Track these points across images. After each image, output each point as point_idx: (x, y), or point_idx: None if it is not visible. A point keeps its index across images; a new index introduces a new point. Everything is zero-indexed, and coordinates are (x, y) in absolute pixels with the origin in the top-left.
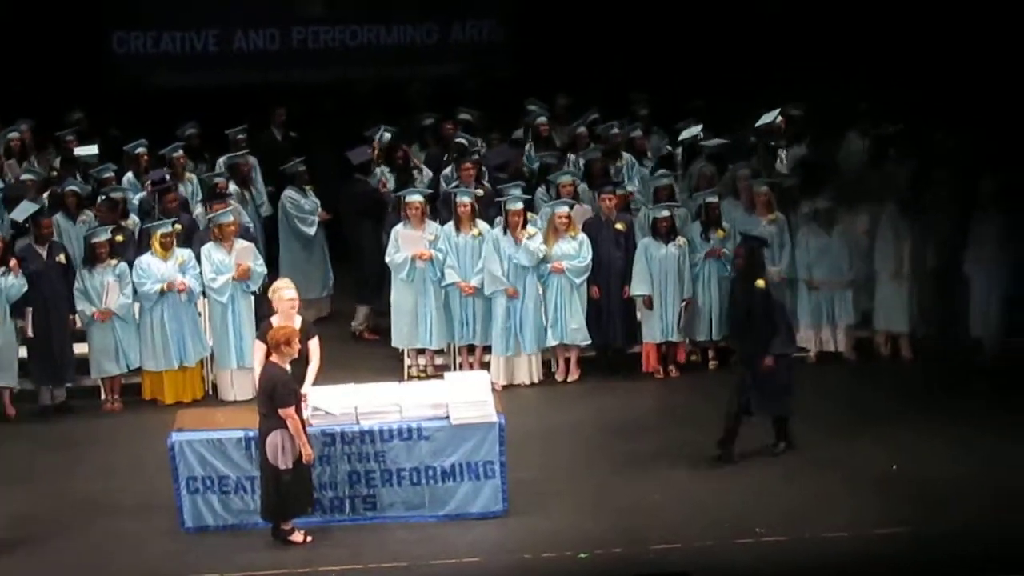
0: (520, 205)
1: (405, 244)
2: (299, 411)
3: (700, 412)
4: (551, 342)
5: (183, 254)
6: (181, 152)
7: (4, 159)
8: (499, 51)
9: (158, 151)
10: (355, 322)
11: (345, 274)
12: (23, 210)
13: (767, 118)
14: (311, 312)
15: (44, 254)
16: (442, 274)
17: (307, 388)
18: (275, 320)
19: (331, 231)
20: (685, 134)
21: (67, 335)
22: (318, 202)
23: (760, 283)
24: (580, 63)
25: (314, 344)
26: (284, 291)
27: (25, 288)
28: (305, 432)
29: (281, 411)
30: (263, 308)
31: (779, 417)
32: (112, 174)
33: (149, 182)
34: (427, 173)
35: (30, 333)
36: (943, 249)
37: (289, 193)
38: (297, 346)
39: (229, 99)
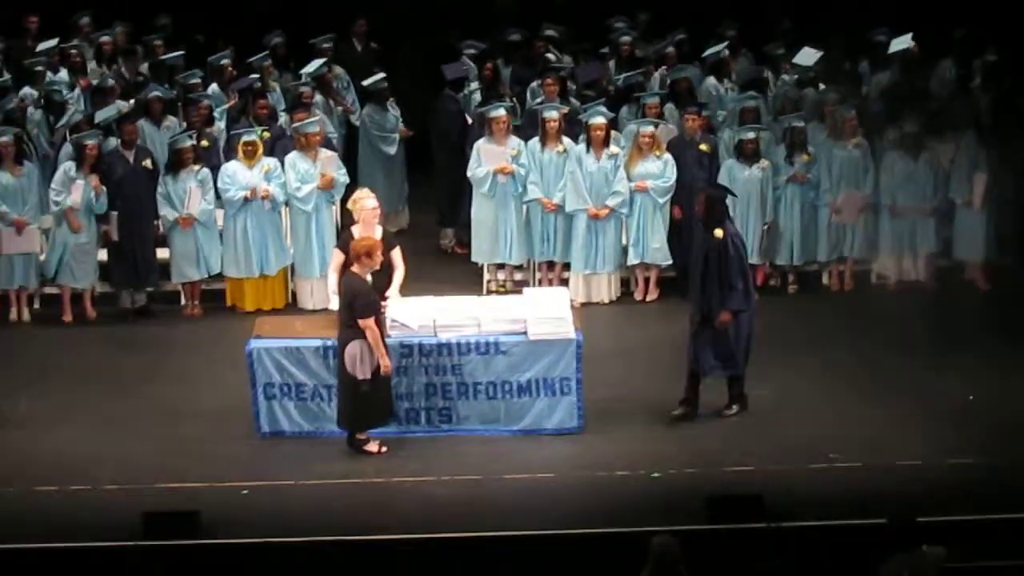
0: (602, 119)
1: (487, 159)
2: (379, 322)
3: (777, 334)
4: (632, 261)
5: (268, 162)
6: (269, 61)
7: (96, 61)
8: None
9: (244, 60)
10: (444, 240)
11: (423, 190)
12: (105, 113)
13: (900, 44)
14: (390, 225)
15: (131, 158)
16: (524, 189)
17: (393, 295)
18: (356, 230)
19: (411, 145)
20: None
21: (150, 239)
22: (399, 116)
23: (718, 233)
24: None
25: (396, 254)
26: (366, 200)
27: (106, 204)
28: (384, 343)
29: (360, 322)
30: (345, 218)
31: (732, 377)
32: (199, 80)
33: (235, 92)
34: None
35: (115, 237)
36: (1022, 178)
37: (369, 110)
38: (379, 258)
39: (312, 6)
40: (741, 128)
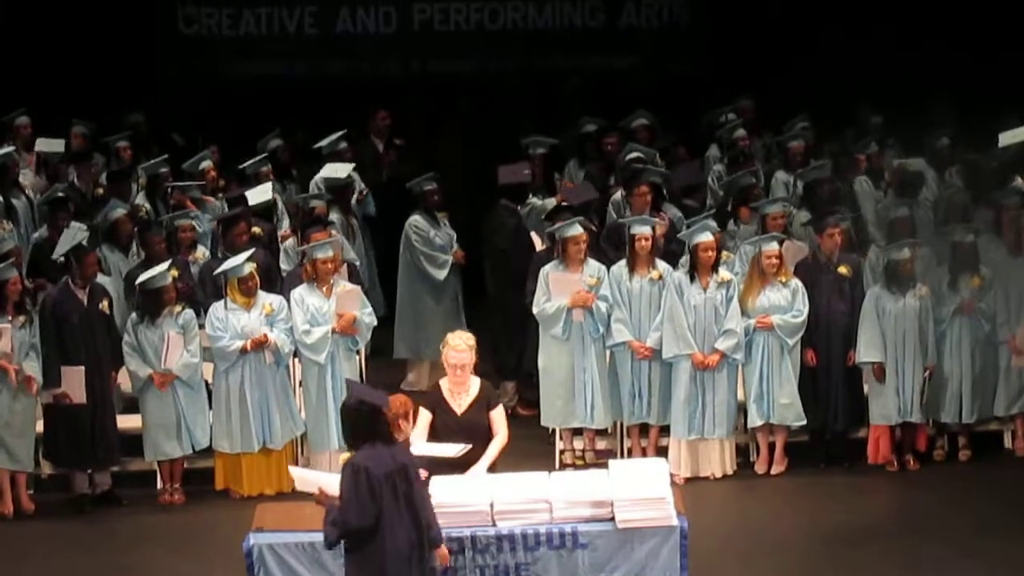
0: (710, 237)
1: (559, 289)
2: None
3: (947, 517)
4: (753, 422)
5: (271, 301)
6: (268, 167)
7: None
8: (683, 40)
9: (233, 165)
10: (503, 397)
11: (476, 329)
12: (65, 243)
13: None
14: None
15: (84, 299)
16: (608, 331)
17: (482, 466)
18: (444, 383)
19: (463, 272)
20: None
21: (111, 403)
22: (454, 235)
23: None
24: (786, 56)
25: (498, 416)
26: (451, 349)
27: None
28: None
29: None
30: (373, 373)
31: None
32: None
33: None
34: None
35: (80, 398)
36: None
37: (417, 220)
38: (410, 425)
39: (325, 97)
40: (891, 245)
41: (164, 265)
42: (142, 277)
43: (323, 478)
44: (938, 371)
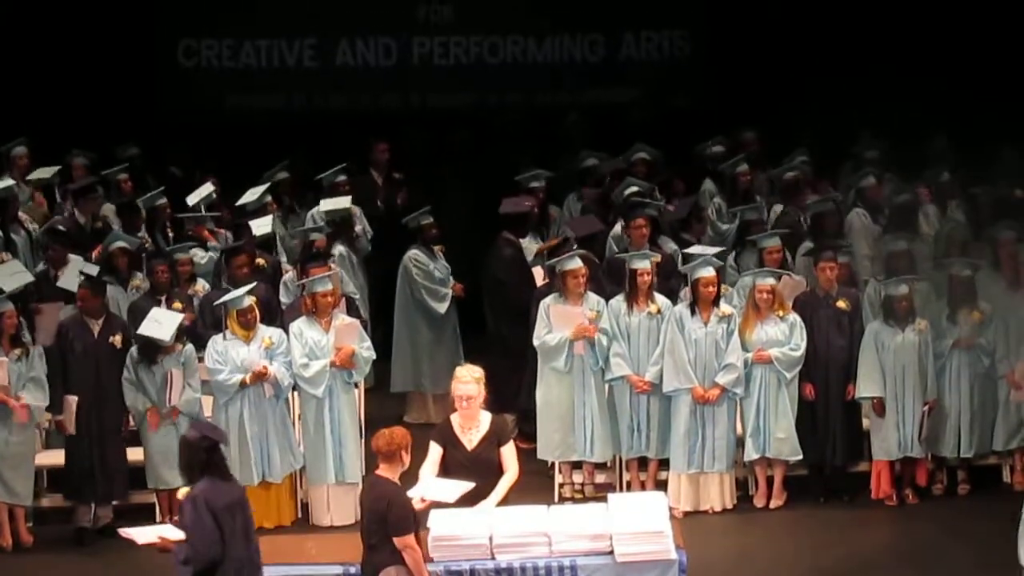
0: (712, 272)
1: (560, 322)
2: (420, 540)
3: (946, 551)
4: (749, 456)
5: (271, 334)
6: (269, 198)
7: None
8: (683, 73)
9: (232, 198)
10: None
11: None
12: (67, 278)
13: None
14: (440, 409)
15: (95, 330)
16: (607, 364)
17: (492, 502)
18: (455, 418)
19: (461, 305)
20: None
21: (117, 436)
22: (449, 268)
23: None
24: (786, 90)
25: (508, 451)
26: (460, 383)
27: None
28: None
29: (397, 540)
30: (373, 406)
31: None
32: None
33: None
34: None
35: (71, 430)
36: None
37: (416, 254)
38: (408, 458)
39: (325, 130)
40: (890, 280)
41: (171, 326)
42: (143, 331)
43: (157, 528)
44: (937, 406)
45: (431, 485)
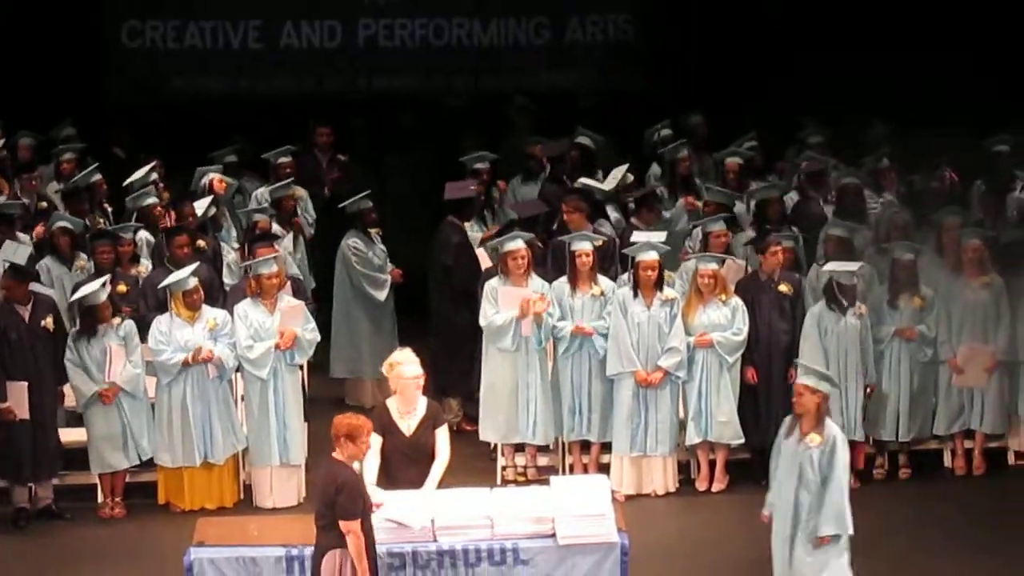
0: (654, 256)
1: (507, 302)
2: (366, 528)
3: (885, 537)
4: (691, 440)
5: (215, 316)
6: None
7: None
8: (629, 56)
9: (179, 180)
10: (447, 413)
11: (416, 345)
12: (6, 252)
13: None
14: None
15: (25, 315)
16: (555, 345)
17: (428, 489)
18: (392, 403)
19: (400, 289)
20: None
21: (52, 416)
22: (386, 252)
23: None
24: (732, 74)
25: (442, 436)
26: (404, 366)
27: None
28: (371, 556)
29: (343, 524)
30: (315, 387)
31: None
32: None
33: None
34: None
35: (23, 415)
36: None
37: (354, 240)
38: (366, 445)
39: (270, 112)
40: (831, 264)
41: (98, 283)
42: (76, 295)
43: None
44: (877, 390)
45: (399, 506)
